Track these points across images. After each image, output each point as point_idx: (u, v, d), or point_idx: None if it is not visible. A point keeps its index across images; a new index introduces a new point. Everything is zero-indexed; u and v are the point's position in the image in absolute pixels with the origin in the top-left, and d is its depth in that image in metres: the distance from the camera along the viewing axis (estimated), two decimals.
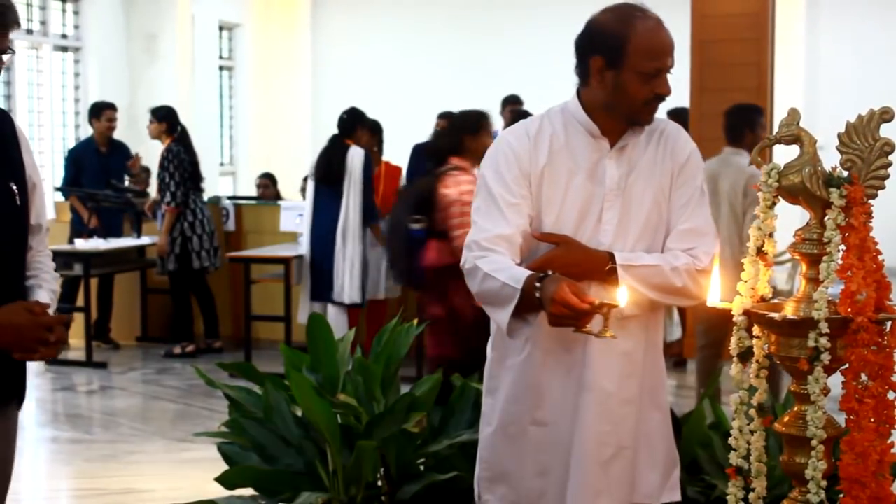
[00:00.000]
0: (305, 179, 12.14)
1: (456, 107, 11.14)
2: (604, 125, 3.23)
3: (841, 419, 2.67)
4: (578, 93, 3.29)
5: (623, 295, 2.86)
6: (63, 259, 9.92)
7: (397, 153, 10.44)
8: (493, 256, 3.09)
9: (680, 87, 9.85)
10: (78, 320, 10.24)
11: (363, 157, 9.12)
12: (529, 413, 3.25)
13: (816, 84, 16.57)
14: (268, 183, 12.69)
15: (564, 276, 2.89)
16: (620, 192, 3.21)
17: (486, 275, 3.05)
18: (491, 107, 8.06)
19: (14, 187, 2.93)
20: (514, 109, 10.69)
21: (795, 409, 2.66)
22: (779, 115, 10.80)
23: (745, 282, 2.70)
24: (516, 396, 3.27)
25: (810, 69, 16.65)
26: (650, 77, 3.15)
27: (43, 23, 13.35)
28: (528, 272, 2.97)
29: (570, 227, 3.17)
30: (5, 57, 2.94)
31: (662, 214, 3.25)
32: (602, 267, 3.11)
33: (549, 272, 2.93)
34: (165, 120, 10.24)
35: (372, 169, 9.31)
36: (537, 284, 2.89)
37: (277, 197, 12.50)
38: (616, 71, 3.17)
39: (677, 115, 10.17)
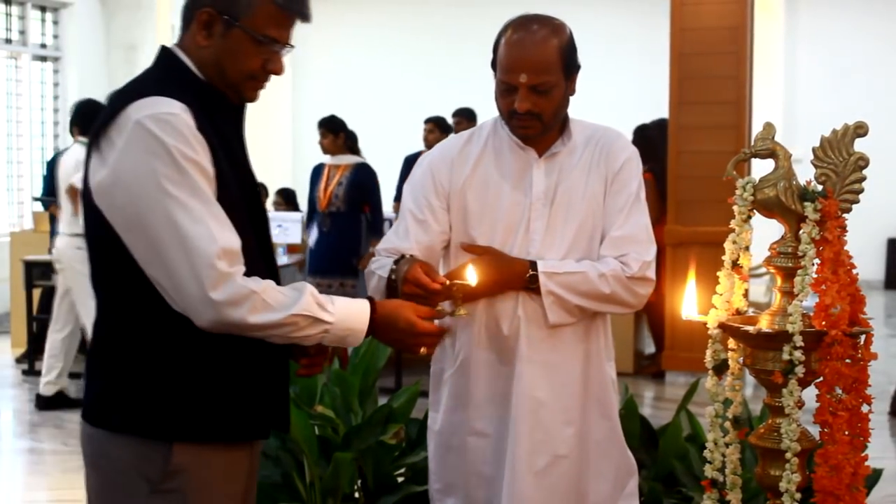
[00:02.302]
0: (279, 193, 12.15)
1: (437, 114, 11.24)
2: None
3: (816, 432, 2.68)
4: None
5: (472, 274, 2.94)
6: (41, 269, 9.89)
7: (378, 162, 10.44)
8: (382, 260, 3.17)
9: (660, 100, 9.92)
10: None
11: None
12: (467, 424, 3.26)
13: (795, 97, 16.65)
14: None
15: (425, 262, 3.04)
16: (549, 202, 3.20)
17: (371, 272, 3.18)
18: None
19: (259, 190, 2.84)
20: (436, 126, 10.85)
21: (770, 421, 2.67)
22: (757, 128, 10.86)
23: (720, 295, 2.71)
24: (454, 408, 3.28)
25: (789, 82, 16.73)
26: (506, 91, 3.15)
27: (22, 32, 13.32)
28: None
29: (499, 238, 3.19)
30: None
31: (598, 222, 3.23)
32: (523, 275, 3.12)
33: (406, 255, 3.07)
34: None
35: (377, 181, 9.39)
36: (393, 267, 3.02)
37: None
38: (495, 81, 3.20)
39: (660, 125, 10.22)
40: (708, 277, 2.89)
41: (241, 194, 2.63)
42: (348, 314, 2.63)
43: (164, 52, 2.71)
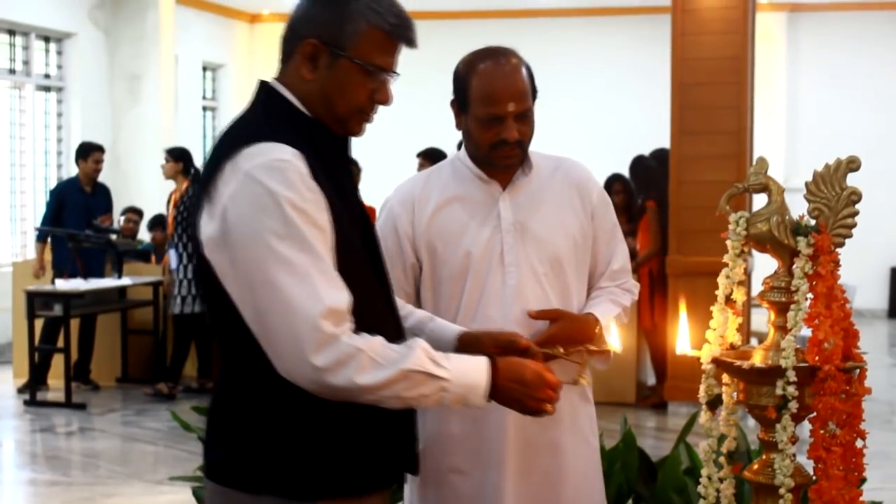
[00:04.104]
0: None
1: (435, 145, 11.24)
2: (489, 169, 3.23)
3: (811, 467, 2.67)
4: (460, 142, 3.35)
5: (616, 338, 2.89)
6: (43, 299, 9.93)
7: (375, 193, 10.43)
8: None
9: (661, 130, 9.95)
10: (58, 361, 10.24)
11: None
12: (445, 461, 3.21)
13: (797, 126, 16.69)
14: None
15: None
16: (519, 233, 3.21)
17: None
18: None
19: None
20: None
21: (764, 457, 2.66)
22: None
23: (714, 329, 2.70)
24: (431, 444, 3.20)
25: (791, 112, 16.77)
26: (490, 122, 3.13)
27: (26, 62, 13.39)
28: None
29: (473, 272, 3.17)
30: None
31: (578, 252, 3.27)
32: (593, 331, 3.12)
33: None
34: (181, 160, 10.36)
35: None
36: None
37: None
38: (464, 116, 3.20)
39: (657, 157, 10.24)
40: (709, 309, 2.87)
41: (358, 235, 2.53)
42: (466, 369, 2.46)
43: (266, 89, 2.61)
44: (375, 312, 2.51)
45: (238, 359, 2.50)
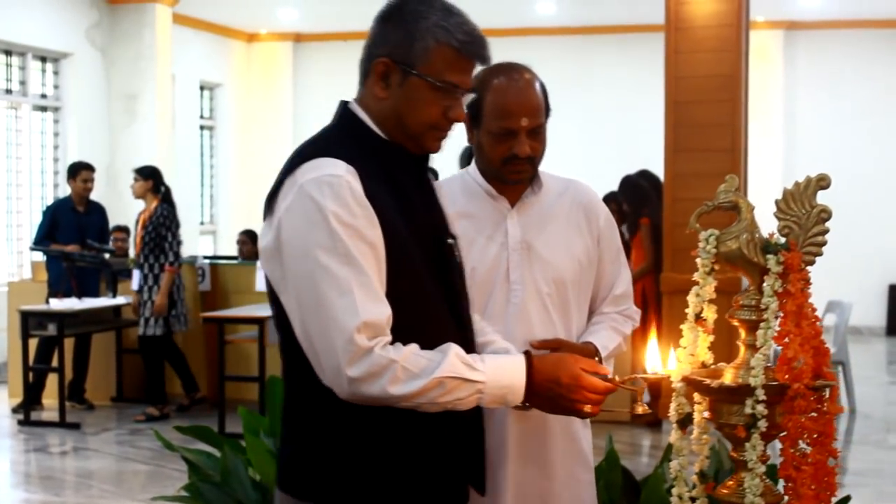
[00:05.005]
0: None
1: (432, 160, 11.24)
2: (499, 185, 3.24)
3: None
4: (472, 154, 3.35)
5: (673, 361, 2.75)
6: (37, 319, 9.92)
7: None
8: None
9: (659, 147, 9.94)
10: (52, 380, 10.23)
11: None
12: None
13: (795, 144, 16.69)
14: (246, 240, 12.59)
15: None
16: (526, 251, 3.22)
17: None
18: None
19: (452, 242, 2.75)
20: None
21: (735, 476, 2.65)
22: (753, 176, 10.88)
23: (685, 348, 2.69)
24: None
25: (789, 129, 16.77)
26: (503, 137, 3.14)
27: (22, 82, 13.40)
28: None
29: (478, 289, 3.15)
30: None
31: (583, 274, 3.28)
32: (593, 360, 3.11)
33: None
34: (151, 178, 10.22)
35: None
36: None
37: (257, 255, 12.42)
38: (477, 130, 3.20)
39: (645, 176, 10.29)
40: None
41: (422, 253, 2.57)
42: (501, 370, 2.51)
43: (343, 108, 2.68)
44: (433, 327, 2.55)
45: (296, 369, 2.57)
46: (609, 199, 10.30)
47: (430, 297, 2.58)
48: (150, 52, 14.10)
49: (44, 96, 13.79)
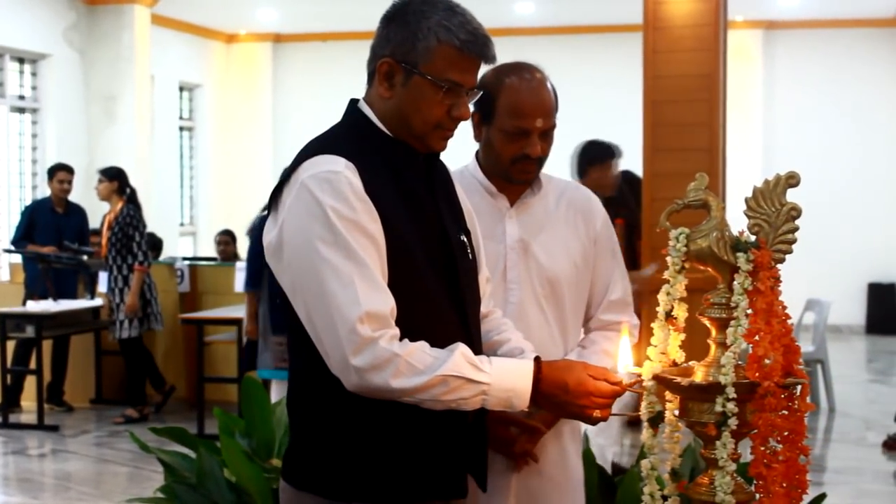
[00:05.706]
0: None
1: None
2: (500, 183, 3.23)
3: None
4: (477, 152, 3.32)
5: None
6: (15, 321, 9.89)
7: None
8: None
9: (635, 147, 9.94)
10: (30, 382, 10.19)
11: None
12: None
13: (774, 143, 16.73)
14: (227, 240, 12.53)
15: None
16: (523, 251, 3.22)
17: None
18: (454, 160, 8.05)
19: (464, 239, 2.77)
20: None
21: (706, 474, 2.65)
22: (732, 175, 10.88)
23: (655, 346, 2.69)
24: None
25: (768, 128, 16.81)
26: (516, 136, 3.14)
27: (0, 84, 13.33)
28: None
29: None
30: None
31: (579, 276, 3.27)
32: None
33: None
34: (116, 179, 10.14)
35: None
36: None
37: (237, 255, 12.41)
38: (487, 127, 3.19)
39: (624, 176, 10.28)
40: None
41: (426, 249, 2.60)
42: (507, 374, 2.53)
43: (351, 107, 2.72)
44: (434, 321, 2.58)
45: (301, 362, 2.64)
46: None
47: (431, 293, 2.60)
48: (128, 52, 14.03)
49: (22, 97, 13.73)
